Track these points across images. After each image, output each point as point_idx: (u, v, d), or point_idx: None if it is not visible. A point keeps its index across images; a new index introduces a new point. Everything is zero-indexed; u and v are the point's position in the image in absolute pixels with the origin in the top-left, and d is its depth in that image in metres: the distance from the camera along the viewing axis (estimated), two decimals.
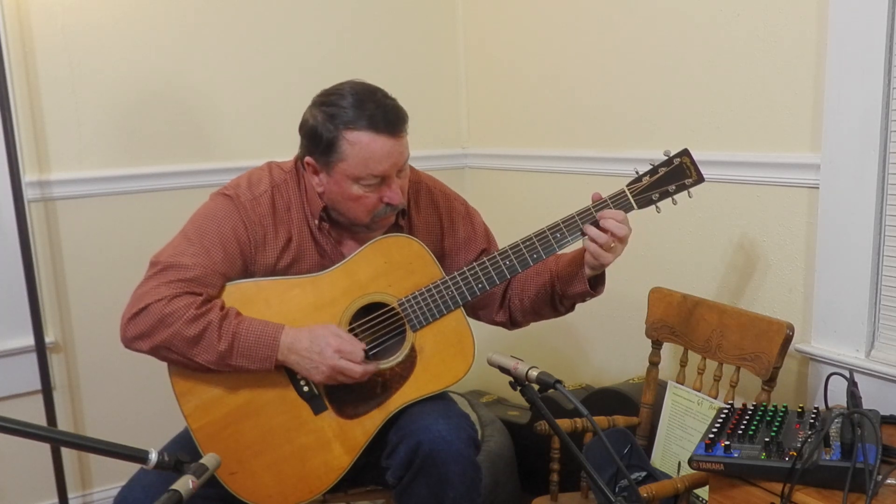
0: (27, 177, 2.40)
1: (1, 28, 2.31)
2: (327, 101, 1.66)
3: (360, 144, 1.62)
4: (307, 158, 1.70)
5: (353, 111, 1.62)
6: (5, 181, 2.34)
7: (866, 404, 1.59)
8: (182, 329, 1.60)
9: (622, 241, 1.66)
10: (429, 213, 1.86)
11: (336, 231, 1.78)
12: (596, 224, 1.66)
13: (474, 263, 1.72)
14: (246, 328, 1.63)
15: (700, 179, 1.72)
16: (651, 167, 1.72)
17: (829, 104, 1.83)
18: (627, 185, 1.71)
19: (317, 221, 1.74)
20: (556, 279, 1.79)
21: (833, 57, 1.82)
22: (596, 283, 1.75)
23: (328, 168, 1.67)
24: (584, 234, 1.67)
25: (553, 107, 2.72)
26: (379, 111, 1.62)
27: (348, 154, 1.63)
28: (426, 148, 2.98)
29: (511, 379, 1.41)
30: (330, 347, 1.62)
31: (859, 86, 1.77)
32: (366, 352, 1.67)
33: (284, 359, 1.64)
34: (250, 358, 1.63)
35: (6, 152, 2.32)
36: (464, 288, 1.71)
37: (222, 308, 1.65)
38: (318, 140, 1.65)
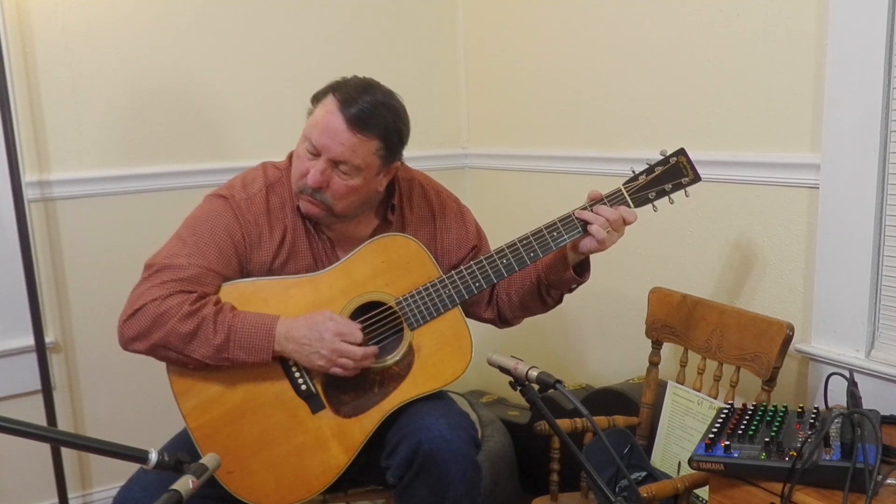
0: (27, 177, 2.40)
1: (1, 28, 2.31)
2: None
3: (321, 108, 1.66)
4: None
5: (346, 88, 1.65)
6: (5, 181, 2.34)
7: (866, 404, 1.59)
8: (177, 326, 1.60)
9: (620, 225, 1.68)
10: (421, 209, 1.86)
11: (329, 232, 1.78)
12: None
13: (472, 262, 1.73)
14: (241, 320, 1.63)
15: (696, 178, 1.73)
16: (647, 166, 1.73)
17: (829, 104, 1.83)
18: (624, 184, 1.72)
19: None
20: (540, 270, 1.80)
21: (833, 57, 1.81)
22: (582, 270, 1.76)
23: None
24: (586, 222, 1.67)
25: (553, 107, 2.72)
26: (356, 101, 1.63)
27: (314, 112, 1.68)
28: (426, 148, 2.98)
29: (511, 379, 1.41)
30: (329, 331, 1.63)
31: (859, 86, 1.77)
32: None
33: (282, 349, 1.64)
34: (247, 350, 1.63)
35: (6, 152, 2.32)
36: (461, 287, 1.71)
37: (217, 303, 1.65)
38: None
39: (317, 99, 1.68)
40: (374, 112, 1.63)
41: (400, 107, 1.70)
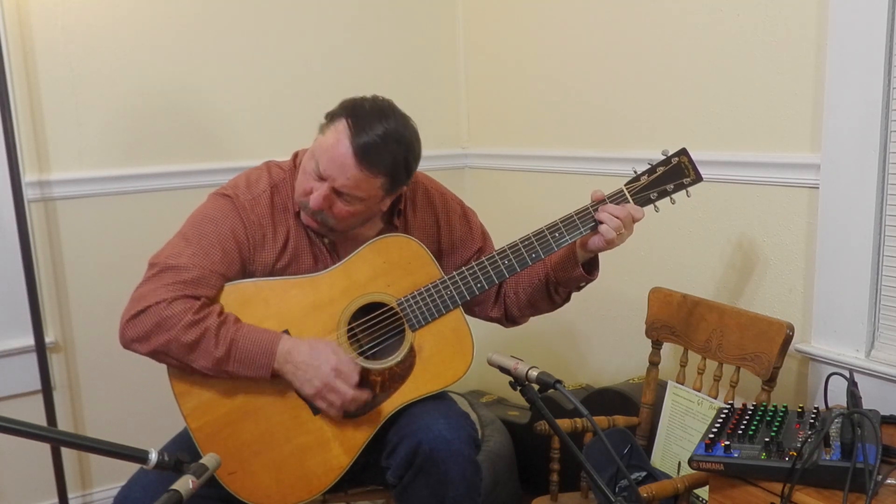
0: (27, 177, 2.40)
1: (1, 28, 2.31)
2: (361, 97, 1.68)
3: (332, 132, 1.62)
4: None
5: (360, 113, 1.62)
6: (5, 181, 2.34)
7: (866, 404, 1.59)
8: (179, 334, 1.59)
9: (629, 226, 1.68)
10: (425, 211, 1.86)
11: (332, 235, 1.78)
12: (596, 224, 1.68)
13: (473, 263, 1.73)
14: (244, 335, 1.62)
15: (698, 179, 1.73)
16: (649, 166, 1.73)
17: (829, 104, 1.83)
18: (626, 185, 1.72)
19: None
20: (549, 267, 1.80)
21: (833, 57, 1.82)
22: (591, 268, 1.76)
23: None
24: (598, 221, 1.67)
25: (553, 107, 2.72)
26: (368, 131, 1.60)
27: (325, 132, 1.65)
28: (426, 148, 2.95)
29: (511, 379, 1.41)
30: (329, 364, 1.62)
31: (859, 86, 1.77)
32: (361, 374, 1.66)
33: (280, 367, 1.63)
34: (247, 365, 1.62)
35: (6, 152, 2.31)
36: (462, 288, 1.71)
37: (220, 314, 1.64)
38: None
39: (331, 118, 1.66)
40: (383, 147, 1.61)
41: (412, 136, 1.68)
